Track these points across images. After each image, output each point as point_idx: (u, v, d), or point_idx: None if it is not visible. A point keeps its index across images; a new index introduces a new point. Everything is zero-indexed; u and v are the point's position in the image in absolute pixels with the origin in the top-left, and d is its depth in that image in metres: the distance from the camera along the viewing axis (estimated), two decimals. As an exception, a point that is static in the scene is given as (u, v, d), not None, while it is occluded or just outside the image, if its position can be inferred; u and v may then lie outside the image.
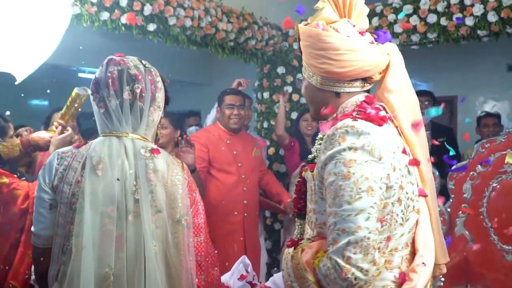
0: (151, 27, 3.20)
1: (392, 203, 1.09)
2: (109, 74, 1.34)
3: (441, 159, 3.84)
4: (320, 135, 1.31)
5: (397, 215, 1.11)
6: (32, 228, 1.39)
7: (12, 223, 2.11)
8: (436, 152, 3.89)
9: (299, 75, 4.17)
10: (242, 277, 1.51)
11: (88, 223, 1.24)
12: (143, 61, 1.42)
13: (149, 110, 1.36)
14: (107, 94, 1.33)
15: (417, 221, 1.17)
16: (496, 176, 3.08)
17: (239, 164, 3.15)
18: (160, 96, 1.41)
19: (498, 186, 3.08)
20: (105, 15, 2.95)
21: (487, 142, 3.15)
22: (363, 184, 1.03)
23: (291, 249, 1.19)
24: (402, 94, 1.23)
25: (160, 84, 1.41)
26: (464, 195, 3.17)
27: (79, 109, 2.39)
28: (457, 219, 3.19)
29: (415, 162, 1.18)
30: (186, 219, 1.33)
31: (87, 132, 3.22)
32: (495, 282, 3.04)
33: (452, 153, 2.81)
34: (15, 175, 2.23)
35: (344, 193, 1.04)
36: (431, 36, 3.58)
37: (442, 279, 2.85)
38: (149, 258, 1.24)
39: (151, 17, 3.18)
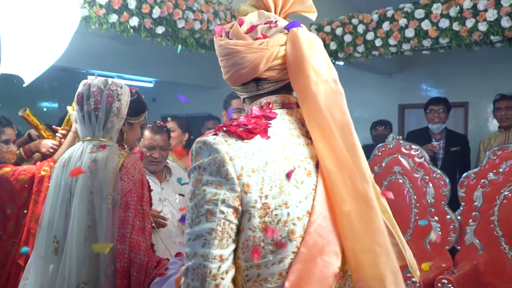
0: (160, 29, 3.20)
1: (250, 229, 0.96)
2: (78, 92, 1.71)
3: (452, 167, 3.80)
4: None
5: (263, 240, 0.96)
6: None
7: (25, 206, 2.28)
8: (449, 161, 3.87)
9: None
10: (177, 255, 1.53)
11: (49, 206, 1.65)
12: (109, 81, 1.73)
13: (107, 118, 1.68)
14: (77, 109, 1.70)
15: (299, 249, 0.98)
16: (507, 184, 3.02)
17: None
18: (120, 106, 1.70)
19: (510, 195, 3.01)
20: (113, 18, 2.95)
21: (498, 150, 3.09)
22: (203, 207, 0.95)
23: None
24: (307, 91, 1.03)
25: (122, 97, 1.71)
26: (475, 203, 3.11)
27: None
28: (467, 227, 3.14)
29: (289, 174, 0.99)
30: (109, 197, 1.60)
31: None
32: (506, 293, 2.98)
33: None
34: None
35: (188, 216, 0.98)
36: (443, 41, 3.53)
37: (452, 288, 2.80)
38: (72, 230, 1.57)
39: (159, 20, 3.18)
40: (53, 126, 2.56)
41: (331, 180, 1.01)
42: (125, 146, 1.80)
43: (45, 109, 6.89)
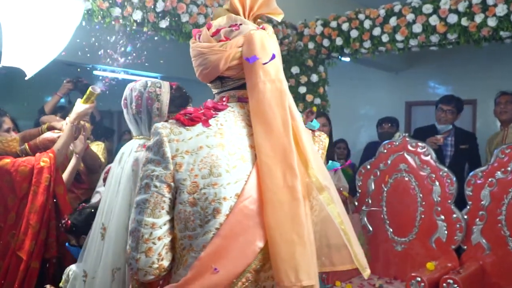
0: (163, 23, 3.17)
1: (181, 203, 1.11)
2: (124, 97, 1.84)
3: (461, 164, 3.74)
4: None
5: (193, 214, 1.10)
6: None
7: (25, 198, 2.25)
8: (458, 158, 3.80)
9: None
10: None
11: (105, 197, 1.82)
12: (149, 82, 1.82)
13: (150, 119, 1.79)
14: (125, 111, 1.84)
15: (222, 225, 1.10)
16: (516, 183, 2.96)
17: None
18: (160, 106, 1.80)
19: (518, 194, 2.96)
20: (116, 11, 2.92)
21: (507, 148, 3.03)
22: (143, 181, 1.13)
23: None
24: (255, 88, 1.15)
25: (161, 97, 1.81)
26: (482, 202, 3.06)
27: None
28: (474, 227, 3.08)
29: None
30: None
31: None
32: (513, 294, 2.92)
33: None
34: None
35: (136, 188, 1.17)
36: (451, 37, 3.46)
37: (457, 288, 2.75)
38: (111, 223, 1.73)
39: (163, 14, 3.15)
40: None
41: (265, 171, 1.11)
42: None
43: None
